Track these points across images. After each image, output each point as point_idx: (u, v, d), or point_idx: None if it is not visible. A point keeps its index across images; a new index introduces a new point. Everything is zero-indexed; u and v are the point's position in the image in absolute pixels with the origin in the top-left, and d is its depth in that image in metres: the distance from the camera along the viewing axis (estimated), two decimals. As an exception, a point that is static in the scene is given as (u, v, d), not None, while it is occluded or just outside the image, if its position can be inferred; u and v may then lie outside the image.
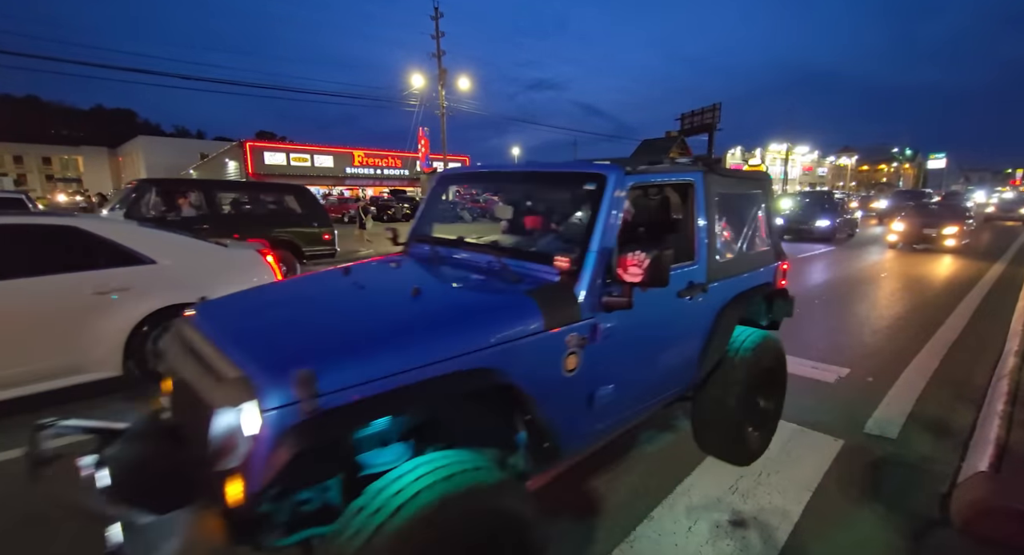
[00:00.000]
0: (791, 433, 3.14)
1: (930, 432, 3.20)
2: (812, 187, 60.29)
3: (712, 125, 46.74)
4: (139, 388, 3.51)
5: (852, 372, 4.20)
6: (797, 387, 3.93)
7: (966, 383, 3.97)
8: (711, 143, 47.54)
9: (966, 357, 4.60)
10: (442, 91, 23.48)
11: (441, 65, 23.07)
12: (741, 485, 2.59)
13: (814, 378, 4.07)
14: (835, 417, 3.37)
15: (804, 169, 67.03)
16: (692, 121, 49.00)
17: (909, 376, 4.12)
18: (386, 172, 45.76)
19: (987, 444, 2.69)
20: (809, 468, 2.75)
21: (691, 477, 2.66)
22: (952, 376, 4.13)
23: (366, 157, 44.78)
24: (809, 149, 66.07)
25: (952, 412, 3.47)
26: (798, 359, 4.38)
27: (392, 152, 45.76)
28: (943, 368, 4.31)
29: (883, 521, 2.33)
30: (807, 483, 2.61)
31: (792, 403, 3.63)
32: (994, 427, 2.87)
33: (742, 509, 2.40)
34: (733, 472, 2.71)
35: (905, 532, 2.25)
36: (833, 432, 3.15)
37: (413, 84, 23.96)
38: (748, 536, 2.21)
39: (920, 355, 4.64)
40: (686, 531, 2.24)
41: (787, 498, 2.48)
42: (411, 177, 42.28)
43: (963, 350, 4.79)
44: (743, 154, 59.60)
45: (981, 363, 4.40)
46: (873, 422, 3.31)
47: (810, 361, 4.43)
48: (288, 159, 41.71)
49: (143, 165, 58.90)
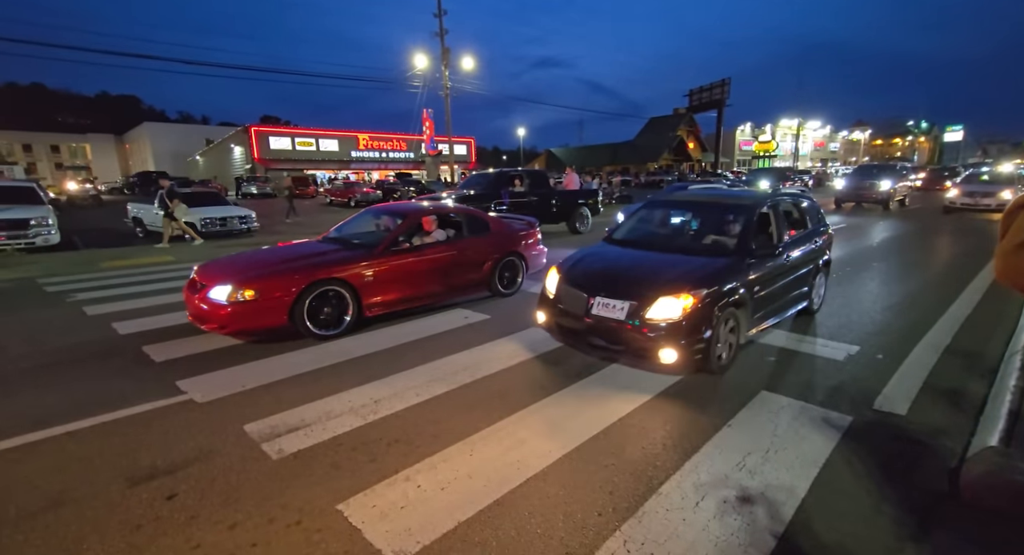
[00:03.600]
0: (799, 410, 3.15)
1: (940, 407, 3.19)
2: (824, 162, 58.93)
3: (721, 101, 45.69)
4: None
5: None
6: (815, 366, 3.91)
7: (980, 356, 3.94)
8: (720, 120, 46.52)
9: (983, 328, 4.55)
10: (446, 71, 23.09)
11: (444, 44, 22.65)
12: (748, 461, 2.61)
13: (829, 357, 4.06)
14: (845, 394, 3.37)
15: (816, 144, 65.54)
16: (700, 97, 47.92)
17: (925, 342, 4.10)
18: (391, 155, 45.42)
19: (998, 419, 2.68)
20: (817, 444, 2.77)
21: (700, 453, 2.69)
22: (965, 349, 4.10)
23: (371, 140, 44.42)
24: (821, 124, 64.48)
25: (964, 387, 3.45)
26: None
27: (397, 135, 45.31)
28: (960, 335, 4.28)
29: (890, 496, 2.34)
30: (815, 459, 2.62)
31: (801, 381, 3.63)
32: (1006, 402, 2.85)
33: (749, 485, 2.42)
34: (741, 449, 2.73)
35: (913, 507, 2.27)
36: (841, 409, 3.16)
37: (416, 65, 23.57)
38: (755, 512, 2.24)
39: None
40: (694, 506, 2.27)
41: (794, 474, 2.50)
42: (416, 160, 41.93)
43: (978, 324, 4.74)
44: (753, 130, 58.31)
45: (994, 339, 4.35)
46: (883, 398, 3.31)
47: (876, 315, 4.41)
48: (293, 144, 41.49)
49: (150, 152, 58.98)
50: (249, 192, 33.33)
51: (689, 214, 5.10)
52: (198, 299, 4.37)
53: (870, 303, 5.65)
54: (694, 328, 3.37)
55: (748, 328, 3.89)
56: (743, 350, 4.04)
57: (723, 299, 3.53)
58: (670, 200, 5.32)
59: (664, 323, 3.36)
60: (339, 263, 4.75)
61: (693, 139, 52.92)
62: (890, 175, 17.20)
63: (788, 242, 4.41)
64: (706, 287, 3.48)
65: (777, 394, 3.37)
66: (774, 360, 4.01)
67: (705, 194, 5.44)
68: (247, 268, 4.60)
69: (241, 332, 4.41)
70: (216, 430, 3.00)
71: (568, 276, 4.02)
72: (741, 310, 3.74)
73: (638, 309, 3.44)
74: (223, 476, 2.54)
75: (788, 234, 4.54)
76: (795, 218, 5.04)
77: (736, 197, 4.81)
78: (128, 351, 4.41)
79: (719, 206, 4.77)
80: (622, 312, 3.49)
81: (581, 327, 3.70)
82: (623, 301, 3.52)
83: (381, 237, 5.27)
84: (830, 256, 5.33)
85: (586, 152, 59.48)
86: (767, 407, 3.21)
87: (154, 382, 3.71)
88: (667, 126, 51.97)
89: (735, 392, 3.43)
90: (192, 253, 10.24)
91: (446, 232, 5.79)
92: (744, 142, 57.38)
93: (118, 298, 6.37)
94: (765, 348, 4.25)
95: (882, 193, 16.48)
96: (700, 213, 4.95)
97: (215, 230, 12.31)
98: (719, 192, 5.57)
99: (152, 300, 6.20)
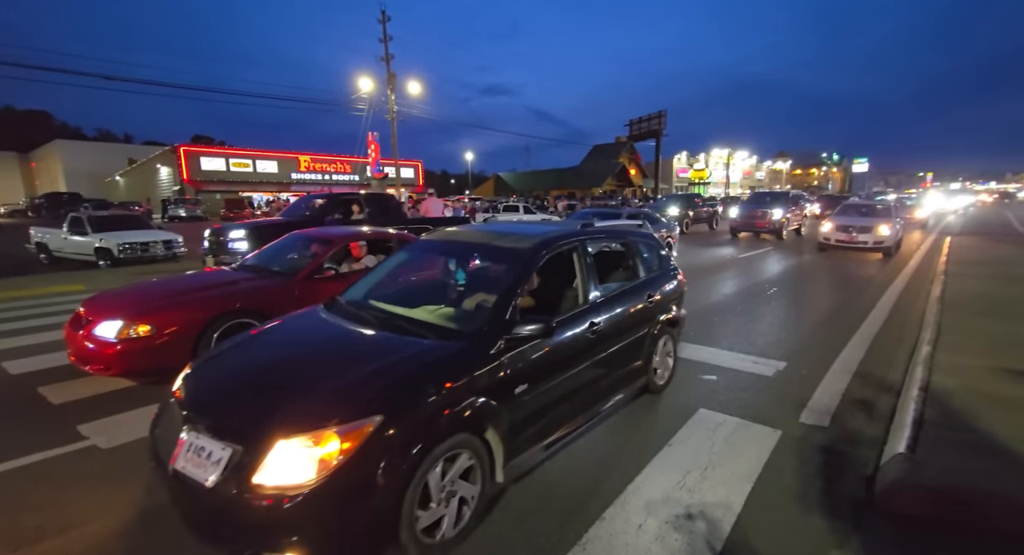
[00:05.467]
0: (735, 426, 3.28)
1: (857, 419, 3.44)
2: (752, 189, 63.71)
3: (659, 131, 48.54)
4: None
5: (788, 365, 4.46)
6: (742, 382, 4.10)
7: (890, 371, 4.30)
8: (658, 148, 49.31)
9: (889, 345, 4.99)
10: (392, 96, 23.09)
11: (390, 69, 22.69)
12: (688, 480, 2.67)
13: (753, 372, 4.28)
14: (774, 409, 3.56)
15: (744, 173, 70.86)
16: (640, 127, 50.70)
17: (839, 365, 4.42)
18: (335, 177, 44.36)
19: (904, 428, 2.91)
20: (751, 459, 2.88)
21: (642, 475, 2.72)
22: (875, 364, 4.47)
23: (313, 162, 43.25)
24: (748, 154, 69.96)
25: (876, 399, 3.75)
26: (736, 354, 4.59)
27: (341, 157, 44.44)
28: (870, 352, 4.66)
29: (816, 505, 2.47)
30: (749, 474, 2.73)
31: (735, 398, 3.79)
32: (911, 411, 3.12)
33: (689, 503, 2.47)
34: (682, 467, 2.79)
35: (835, 514, 2.39)
36: (772, 423, 3.32)
37: (361, 88, 23.40)
38: (694, 529, 2.28)
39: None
40: (636, 529, 2.28)
41: (731, 490, 2.58)
42: (361, 182, 41.25)
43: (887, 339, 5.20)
44: (688, 159, 62.25)
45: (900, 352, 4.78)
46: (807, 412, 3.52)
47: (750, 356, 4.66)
48: (228, 165, 39.56)
49: (61, 171, 54.13)
50: (177, 215, 31.40)
51: (454, 262, 3.82)
52: (82, 336, 3.82)
53: (795, 321, 6.07)
54: (349, 503, 1.79)
55: (512, 457, 2.39)
56: (677, 368, 4.16)
57: (433, 428, 2.00)
58: (435, 242, 3.59)
59: (285, 496, 1.72)
60: (253, 293, 4.37)
61: (634, 166, 55.69)
62: (782, 203, 16.41)
63: (598, 301, 3.07)
64: (382, 411, 1.89)
65: (714, 411, 3.50)
66: (710, 378, 4.17)
67: (485, 230, 3.44)
68: (142, 300, 4.11)
69: (133, 373, 3.86)
70: (123, 479, 2.69)
71: (189, 379, 2.38)
72: (490, 432, 2.25)
73: (243, 463, 1.79)
74: (131, 534, 2.27)
75: (600, 286, 3.20)
76: (619, 263, 3.88)
77: (516, 236, 3.10)
78: (20, 392, 3.91)
79: (491, 251, 3.20)
80: (215, 469, 1.81)
81: (166, 487, 2.01)
82: (222, 443, 1.86)
83: (303, 264, 4.93)
84: (682, 311, 4.11)
85: (533, 177, 60.96)
86: (705, 425, 3.31)
87: (50, 427, 3.29)
88: (610, 153, 54.44)
89: (676, 411, 3.52)
90: (110, 280, 9.36)
91: (377, 258, 5.51)
92: (681, 170, 61.04)
93: (11, 334, 5.68)
94: (700, 366, 4.42)
95: (775, 222, 15.71)
96: (467, 261, 3.70)
97: (135, 255, 11.37)
98: (502, 228, 3.46)
99: (51, 335, 5.56)
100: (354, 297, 3.16)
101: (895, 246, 11.74)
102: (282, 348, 2.62)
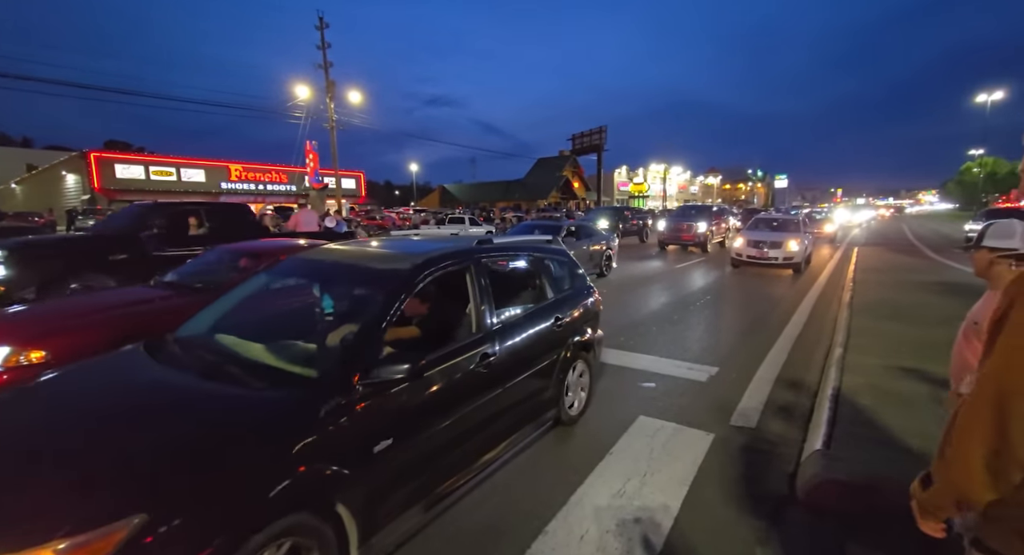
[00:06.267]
0: (672, 432, 3.41)
1: (781, 419, 3.68)
2: (687, 202, 67.44)
3: (600, 145, 50.41)
4: None
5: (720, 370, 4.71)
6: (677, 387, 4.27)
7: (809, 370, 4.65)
8: (599, 162, 51.15)
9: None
10: (331, 104, 22.45)
11: (328, 77, 22.09)
12: (628, 487, 2.73)
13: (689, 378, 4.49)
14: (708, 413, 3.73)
15: (680, 187, 74.96)
16: (582, 141, 52.41)
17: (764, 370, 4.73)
18: (270, 188, 42.30)
19: (821, 426, 3.15)
20: (686, 463, 3.00)
21: (584, 485, 2.75)
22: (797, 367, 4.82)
23: (245, 171, 41.03)
24: (683, 169, 74.15)
25: (797, 400, 4.03)
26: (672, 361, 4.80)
27: (276, 166, 42.48)
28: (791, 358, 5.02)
29: (745, 503, 2.61)
30: (684, 478, 2.84)
31: (672, 404, 3.94)
32: (825, 409, 3.38)
33: (629, 510, 2.53)
34: (622, 475, 2.85)
35: (762, 511, 2.54)
36: (705, 427, 3.49)
37: (298, 95, 22.59)
38: (634, 535, 2.33)
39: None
40: (579, 540, 2.30)
41: (668, 494, 2.67)
42: (299, 193, 39.55)
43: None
44: (628, 173, 64.99)
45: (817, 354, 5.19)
46: (737, 414, 3.73)
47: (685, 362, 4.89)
48: (147, 172, 36.69)
49: (-56, 176, 47.89)
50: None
51: (318, 287, 3.33)
52: None
53: (726, 328, 6.44)
54: None
55: (373, 533, 1.92)
56: (619, 377, 4.26)
57: (243, 516, 1.49)
58: (301, 262, 3.02)
59: None
60: (170, 312, 3.78)
61: (578, 179, 57.35)
62: (706, 217, 17.05)
63: (493, 329, 2.71)
64: (144, 507, 1.35)
65: (653, 418, 3.62)
66: (649, 385, 4.32)
67: (361, 248, 3.11)
68: (37, 321, 3.67)
69: None
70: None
71: None
72: (341, 506, 1.76)
73: None
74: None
75: (499, 310, 2.86)
76: (524, 283, 3.50)
77: (394, 256, 2.73)
78: None
79: (361, 273, 2.73)
80: None
81: None
82: None
83: (229, 280, 4.50)
84: (598, 333, 3.84)
85: (480, 189, 61.19)
86: (645, 431, 3.42)
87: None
88: (554, 166, 55.78)
89: (617, 419, 3.61)
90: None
91: None
92: (622, 183, 63.58)
93: None
94: (641, 374, 4.57)
95: (700, 235, 16.28)
96: (336, 285, 3.22)
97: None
98: (384, 246, 3.14)
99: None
100: (193, 331, 2.63)
101: (804, 262, 11.99)
102: (43, 412, 1.93)
